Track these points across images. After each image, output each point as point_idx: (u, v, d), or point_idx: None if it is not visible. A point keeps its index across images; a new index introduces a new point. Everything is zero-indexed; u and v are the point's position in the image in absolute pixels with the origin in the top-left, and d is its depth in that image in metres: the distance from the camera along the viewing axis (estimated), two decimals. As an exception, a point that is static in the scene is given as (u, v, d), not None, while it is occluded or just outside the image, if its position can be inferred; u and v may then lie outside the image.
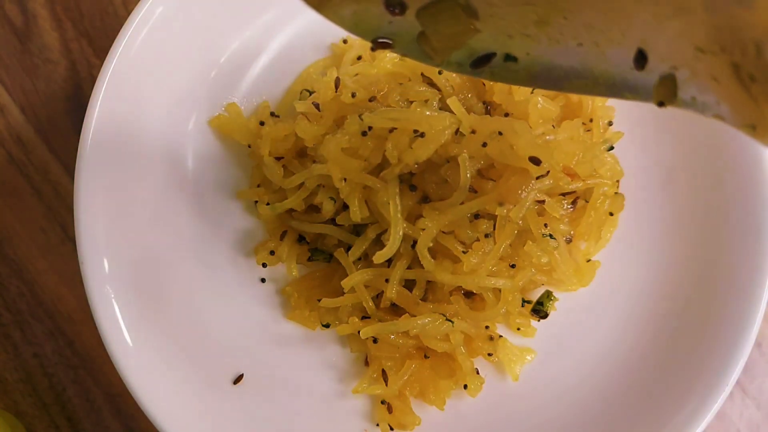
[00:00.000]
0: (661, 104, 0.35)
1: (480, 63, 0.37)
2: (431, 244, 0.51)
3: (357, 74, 0.56)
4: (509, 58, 0.36)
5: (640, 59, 0.33)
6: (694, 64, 0.32)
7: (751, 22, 0.28)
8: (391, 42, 0.36)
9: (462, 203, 0.51)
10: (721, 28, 0.30)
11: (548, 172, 0.51)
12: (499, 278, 0.53)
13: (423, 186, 0.52)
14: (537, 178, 0.51)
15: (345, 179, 0.51)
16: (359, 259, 0.55)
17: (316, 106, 0.54)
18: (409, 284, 0.55)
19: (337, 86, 0.54)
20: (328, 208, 0.53)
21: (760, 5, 0.28)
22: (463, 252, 0.52)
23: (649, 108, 0.58)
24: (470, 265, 0.52)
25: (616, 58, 0.34)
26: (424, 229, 0.51)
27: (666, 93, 0.34)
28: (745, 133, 0.32)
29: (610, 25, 0.33)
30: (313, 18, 0.59)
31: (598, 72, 0.36)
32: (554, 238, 0.53)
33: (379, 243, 0.54)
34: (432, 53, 0.37)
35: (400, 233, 0.51)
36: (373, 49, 0.41)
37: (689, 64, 0.32)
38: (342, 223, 0.54)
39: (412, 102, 0.53)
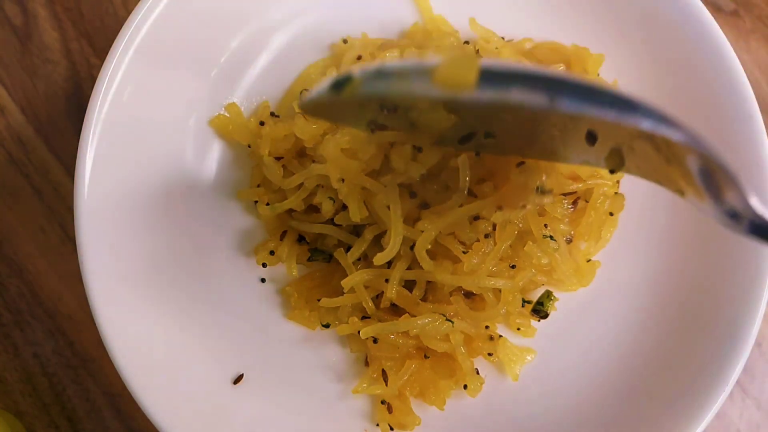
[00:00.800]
0: (612, 171, 0.44)
1: (465, 140, 0.44)
2: (430, 246, 0.51)
3: (357, 75, 0.56)
4: (488, 135, 0.44)
5: (590, 138, 0.40)
6: (631, 144, 0.38)
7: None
8: (387, 125, 0.46)
9: (461, 206, 0.51)
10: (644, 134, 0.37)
11: (551, 190, 0.52)
12: (499, 279, 0.53)
13: (423, 193, 0.52)
14: (537, 190, 0.51)
15: (343, 180, 0.51)
16: (359, 259, 0.55)
17: None
18: (409, 284, 0.54)
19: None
20: (327, 208, 0.53)
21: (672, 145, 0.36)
22: (464, 252, 0.52)
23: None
24: (470, 266, 0.52)
25: (573, 136, 0.40)
26: (423, 231, 0.51)
27: (615, 163, 0.43)
28: (677, 196, 0.40)
29: (564, 120, 0.40)
30: (313, 18, 0.59)
31: (561, 145, 0.43)
32: (554, 239, 0.53)
33: (378, 244, 0.54)
34: (424, 138, 0.45)
35: (400, 236, 0.51)
36: (372, 131, 0.49)
37: (628, 144, 0.39)
38: (341, 223, 0.54)
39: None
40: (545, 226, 0.53)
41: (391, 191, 0.51)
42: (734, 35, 0.68)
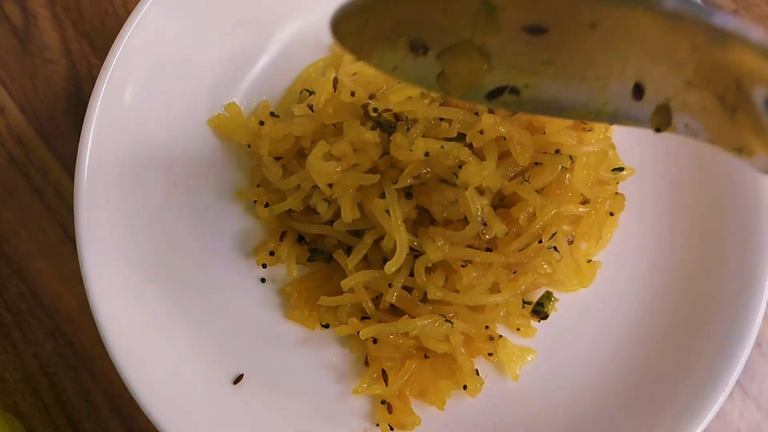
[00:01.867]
0: (657, 130, 0.40)
1: (494, 95, 0.41)
2: (430, 265, 0.52)
3: (355, 73, 0.56)
4: (513, 91, 0.40)
5: (637, 91, 0.37)
6: (685, 96, 0.36)
7: (729, 61, 0.33)
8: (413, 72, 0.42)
9: (474, 234, 0.51)
10: (705, 65, 0.34)
11: (555, 232, 0.52)
12: (498, 295, 0.53)
13: (424, 203, 0.52)
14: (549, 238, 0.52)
15: (331, 185, 0.51)
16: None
17: (311, 107, 0.54)
18: (408, 285, 0.54)
19: (335, 86, 0.54)
20: (322, 209, 0.53)
21: (735, 47, 0.31)
22: (462, 266, 0.52)
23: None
24: (470, 279, 0.52)
25: (616, 90, 0.38)
26: (425, 253, 0.51)
27: (662, 120, 0.39)
28: (733, 155, 0.37)
29: (611, 62, 0.37)
30: (313, 18, 0.59)
31: (600, 102, 0.40)
32: (558, 250, 0.54)
33: (377, 245, 0.53)
34: (450, 90, 0.42)
35: (406, 248, 0.51)
36: (393, 70, 0.44)
37: (681, 96, 0.36)
38: (339, 228, 0.54)
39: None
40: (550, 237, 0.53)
41: (391, 196, 0.51)
42: (734, 35, 0.68)
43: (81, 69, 0.65)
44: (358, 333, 0.53)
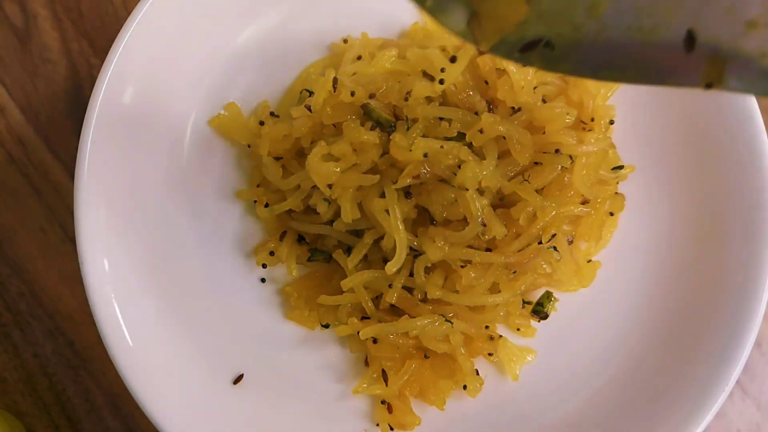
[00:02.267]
0: (708, 86, 0.35)
1: (527, 49, 0.37)
2: (429, 265, 0.52)
3: (355, 73, 0.56)
4: (548, 45, 0.36)
5: (689, 41, 0.34)
6: (742, 43, 0.33)
7: None
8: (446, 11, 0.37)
9: (475, 243, 0.52)
10: None
11: (554, 235, 0.53)
12: (497, 295, 0.53)
13: (424, 203, 0.52)
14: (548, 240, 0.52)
15: (330, 186, 0.52)
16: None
17: (308, 108, 0.54)
18: (408, 284, 0.54)
19: (335, 86, 0.54)
20: (322, 209, 0.53)
21: None
22: (462, 266, 0.52)
23: (650, 108, 0.58)
24: (469, 280, 0.52)
25: (664, 41, 0.34)
26: (425, 253, 0.51)
27: (714, 74, 0.35)
28: None
29: (660, 6, 0.34)
30: (312, 18, 0.59)
31: (644, 57, 0.36)
32: (558, 250, 0.54)
33: (377, 245, 0.53)
34: (480, 37, 0.37)
35: (405, 248, 0.51)
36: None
37: (738, 41, 0.33)
38: (339, 228, 0.54)
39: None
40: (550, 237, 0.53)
41: (390, 196, 0.51)
42: (734, 35, 0.68)
43: (81, 69, 0.65)
44: (358, 333, 0.53)
